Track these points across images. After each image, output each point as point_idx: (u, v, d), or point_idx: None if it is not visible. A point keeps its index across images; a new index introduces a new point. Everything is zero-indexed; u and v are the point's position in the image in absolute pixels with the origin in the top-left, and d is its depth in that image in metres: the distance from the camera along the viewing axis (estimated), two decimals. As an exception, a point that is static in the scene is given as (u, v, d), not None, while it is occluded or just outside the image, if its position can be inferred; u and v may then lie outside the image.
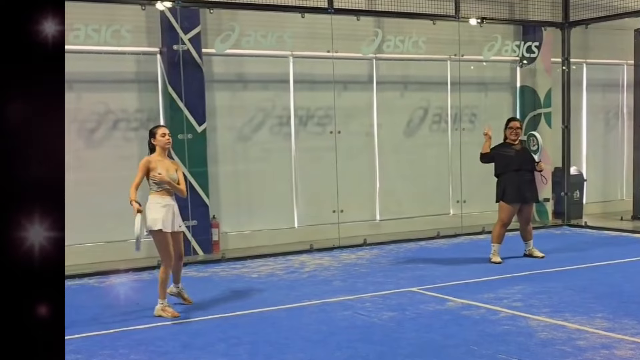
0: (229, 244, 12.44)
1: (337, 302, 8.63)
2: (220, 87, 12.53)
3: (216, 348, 6.89)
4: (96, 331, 7.58)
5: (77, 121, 11.49)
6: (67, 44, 10.71)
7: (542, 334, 7.06)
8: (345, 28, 12.99)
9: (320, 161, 13.25)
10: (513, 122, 11.21)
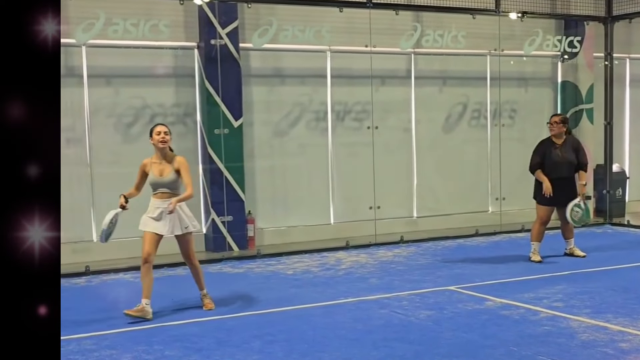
0: (265, 240, 12.38)
1: (374, 300, 8.53)
2: (257, 82, 12.47)
3: (251, 345, 6.82)
4: (131, 327, 7.55)
5: (114, 116, 11.51)
6: (106, 39, 10.92)
7: (584, 336, 6.90)
8: (383, 22, 12.87)
9: (357, 157, 13.15)
10: (553, 117, 10.90)
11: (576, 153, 10.62)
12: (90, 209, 11.29)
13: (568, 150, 10.62)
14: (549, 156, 10.61)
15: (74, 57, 11.21)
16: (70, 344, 6.96)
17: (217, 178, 11.75)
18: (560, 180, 10.55)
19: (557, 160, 10.56)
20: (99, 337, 7.17)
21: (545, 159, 10.62)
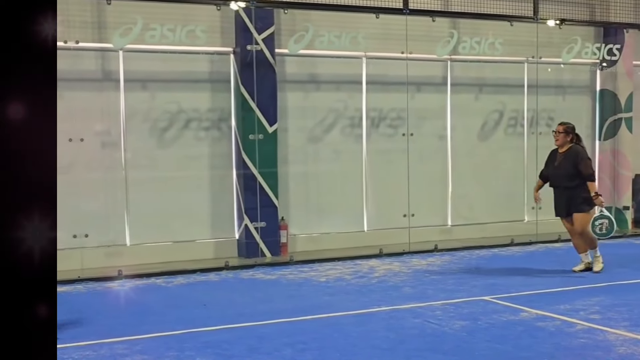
0: (297, 247, 12.34)
1: (407, 309, 8.45)
2: (293, 88, 12.45)
3: (282, 353, 6.78)
4: (163, 332, 7.54)
5: (149, 120, 11.55)
6: (143, 44, 10.96)
7: (621, 349, 6.76)
8: (420, 29, 12.80)
9: (391, 164, 13.07)
10: (558, 126, 10.65)
11: (575, 164, 10.27)
12: (124, 213, 11.32)
13: (567, 160, 10.35)
14: (550, 165, 10.54)
15: (111, 62, 11.27)
16: (102, 348, 6.96)
17: (251, 183, 11.74)
18: (557, 190, 10.44)
19: (553, 170, 10.44)
20: (131, 342, 7.17)
21: (548, 169, 10.58)
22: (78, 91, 11.07)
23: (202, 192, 11.87)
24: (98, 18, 11.12)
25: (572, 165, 10.26)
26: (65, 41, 10.79)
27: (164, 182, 11.63)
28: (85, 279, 10.35)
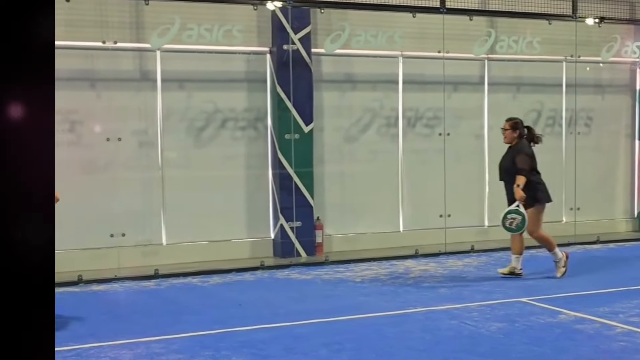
0: (333, 247, 12.32)
1: (443, 311, 8.40)
2: (329, 87, 12.44)
3: (318, 353, 6.77)
4: (199, 331, 7.57)
5: (186, 120, 11.61)
6: (180, 44, 11.02)
7: (662, 354, 6.66)
8: (457, 28, 12.72)
9: (427, 164, 13.01)
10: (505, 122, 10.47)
11: (514, 157, 10.13)
12: (161, 212, 11.39)
13: (510, 154, 10.24)
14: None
15: (149, 62, 11.34)
16: (139, 347, 7.01)
17: (287, 183, 11.75)
18: (504, 185, 10.33)
19: (499, 164, 10.40)
20: (167, 341, 7.20)
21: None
22: (116, 91, 11.16)
23: (238, 191, 11.91)
24: (136, 18, 11.19)
25: (512, 160, 10.13)
26: (104, 41, 10.89)
27: (201, 182, 11.67)
28: (122, 278, 10.42)
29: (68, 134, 10.93)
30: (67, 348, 7.01)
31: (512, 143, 10.24)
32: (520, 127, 10.29)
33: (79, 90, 10.99)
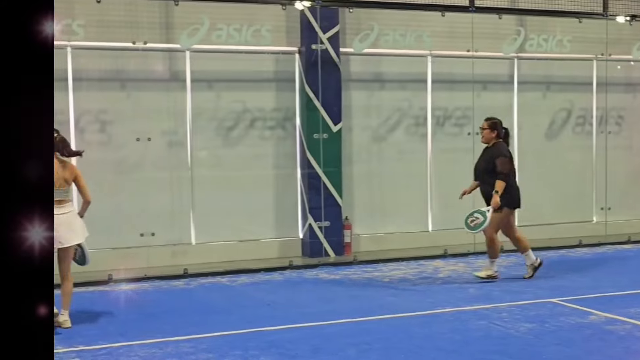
0: (361, 247, 12.30)
1: (472, 311, 8.36)
2: (357, 87, 12.43)
3: (347, 353, 6.77)
4: (227, 331, 7.61)
5: (215, 119, 11.65)
6: (209, 44, 11.06)
7: (695, 356, 6.58)
8: (486, 26, 12.66)
9: (456, 163, 12.92)
10: (483, 121, 10.27)
11: (493, 159, 9.94)
12: (190, 212, 11.44)
13: (487, 155, 10.06)
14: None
15: (178, 62, 11.40)
16: (168, 346, 7.05)
17: (315, 183, 11.76)
18: (480, 185, 10.20)
19: (476, 164, 10.25)
20: (196, 340, 7.24)
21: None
22: (146, 91, 11.24)
23: (266, 191, 11.93)
24: (166, 19, 11.26)
25: (490, 161, 9.96)
26: (134, 42, 10.96)
27: (229, 182, 11.71)
28: (152, 277, 10.49)
29: (98, 134, 11.02)
30: (98, 347, 7.08)
31: (489, 143, 10.09)
32: (499, 127, 10.12)
33: (110, 91, 11.08)
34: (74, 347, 7.10)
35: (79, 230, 7.92)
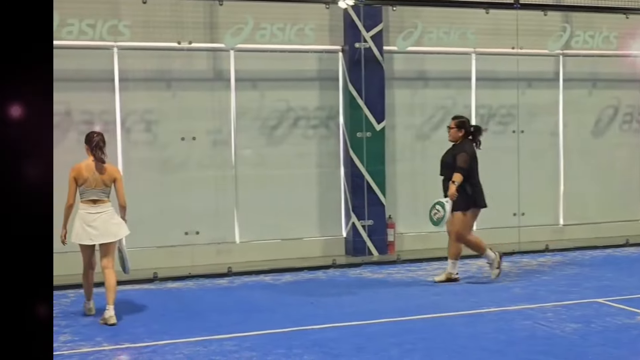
0: (405, 245, 12.27)
1: (517, 311, 8.30)
2: (400, 85, 12.39)
3: (390, 353, 6.76)
4: (271, 329, 7.64)
5: (259, 119, 11.70)
6: (253, 43, 11.12)
7: None
8: (531, 23, 12.55)
9: (501, 161, 12.84)
10: (451, 120, 10.18)
11: (455, 155, 9.80)
12: (234, 211, 11.50)
13: (452, 151, 9.93)
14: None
15: (222, 61, 11.48)
16: (212, 344, 7.11)
17: (358, 182, 11.76)
18: (442, 181, 10.00)
19: (441, 160, 10.07)
20: (240, 339, 7.29)
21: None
22: (191, 91, 11.33)
23: (310, 190, 11.96)
24: (210, 19, 11.34)
25: (452, 157, 9.83)
26: (179, 42, 11.06)
27: (273, 180, 11.76)
28: (196, 276, 10.58)
29: (144, 133, 11.14)
30: (143, 344, 7.17)
31: (456, 141, 9.97)
32: (466, 126, 10.02)
33: (155, 91, 11.20)
34: (120, 344, 7.19)
35: (115, 229, 8.14)
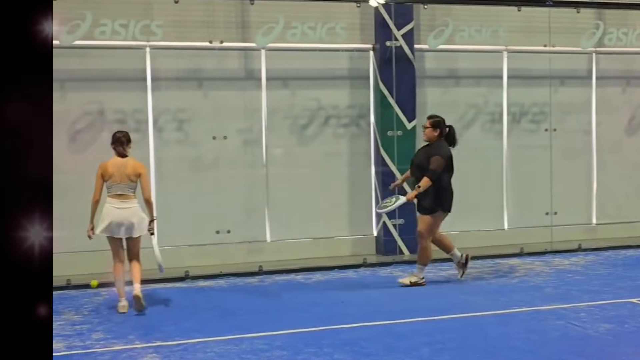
0: (436, 244, 12.20)
1: (549, 311, 8.24)
2: (431, 83, 12.35)
3: (420, 352, 6.74)
4: (301, 328, 7.65)
5: (290, 117, 11.73)
6: (284, 42, 11.14)
7: None
8: (563, 21, 12.45)
9: (533, 160, 12.76)
10: (426, 119, 9.95)
11: (429, 157, 9.55)
12: (265, 209, 11.53)
13: (425, 152, 9.69)
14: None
15: (254, 61, 11.51)
16: (243, 343, 7.13)
17: (389, 180, 11.68)
18: (413, 181, 9.79)
19: (412, 160, 9.85)
20: (271, 337, 7.30)
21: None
22: (222, 90, 11.38)
23: (340, 188, 11.96)
24: (242, 18, 11.38)
25: (426, 158, 9.56)
26: (211, 41, 11.11)
27: (304, 179, 11.77)
28: (227, 274, 10.63)
29: (176, 132, 11.21)
30: (175, 343, 7.21)
31: (431, 141, 9.74)
32: (442, 126, 9.76)
33: (187, 90, 11.26)
34: (151, 342, 7.24)
35: (139, 225, 8.52)
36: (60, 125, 10.63)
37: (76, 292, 9.78)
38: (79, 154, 10.80)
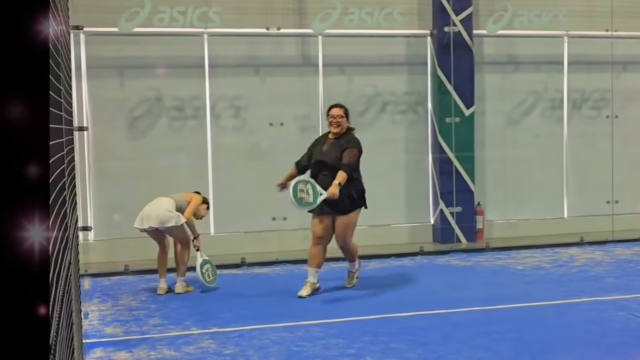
0: (494, 233, 12.08)
1: (610, 301, 8.09)
2: (490, 69, 12.19)
3: (478, 342, 6.67)
4: (357, 316, 7.63)
5: (347, 104, 11.57)
6: (341, 28, 11.09)
7: None
8: (627, 4, 12.22)
9: (594, 147, 12.53)
10: (332, 109, 8.84)
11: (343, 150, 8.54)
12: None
13: (337, 146, 8.61)
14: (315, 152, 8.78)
15: (310, 47, 11.49)
16: (299, 330, 7.14)
17: (447, 168, 11.63)
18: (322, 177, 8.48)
19: (320, 156, 8.65)
20: (326, 325, 7.30)
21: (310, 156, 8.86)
22: (279, 77, 11.38)
23: (397, 176, 11.89)
24: (299, 4, 11.35)
25: (340, 151, 8.56)
26: (268, 28, 11.11)
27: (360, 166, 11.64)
28: (283, 261, 10.65)
29: (233, 119, 11.25)
30: (231, 329, 7.25)
31: (341, 132, 8.71)
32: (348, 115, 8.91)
33: (244, 77, 11.28)
34: (207, 329, 7.29)
35: (162, 216, 8.59)
36: (118, 113, 10.76)
37: (134, 278, 9.89)
38: (137, 140, 10.90)
